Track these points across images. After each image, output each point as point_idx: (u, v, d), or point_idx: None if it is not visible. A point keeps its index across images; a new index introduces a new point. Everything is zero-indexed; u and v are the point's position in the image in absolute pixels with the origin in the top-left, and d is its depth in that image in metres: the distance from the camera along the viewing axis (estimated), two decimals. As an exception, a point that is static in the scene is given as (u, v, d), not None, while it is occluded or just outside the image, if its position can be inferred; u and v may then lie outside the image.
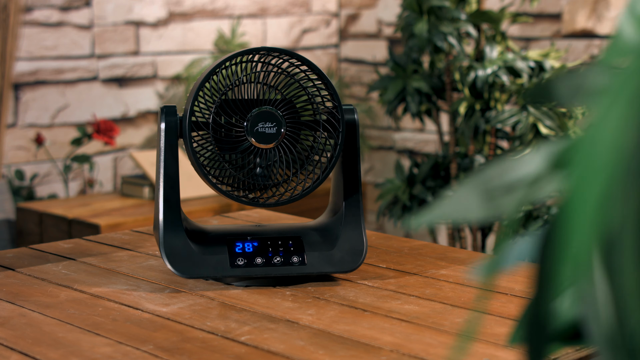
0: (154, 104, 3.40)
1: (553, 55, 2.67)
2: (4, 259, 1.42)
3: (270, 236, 1.31)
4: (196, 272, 1.26)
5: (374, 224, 3.73)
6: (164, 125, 1.26)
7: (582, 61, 2.93)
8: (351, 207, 1.32)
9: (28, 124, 3.11)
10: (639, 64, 0.39)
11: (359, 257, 1.29)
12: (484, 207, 0.42)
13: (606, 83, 0.38)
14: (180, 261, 1.26)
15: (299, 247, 1.30)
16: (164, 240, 1.26)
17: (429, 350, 1.02)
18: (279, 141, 1.26)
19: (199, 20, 3.49)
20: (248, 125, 1.25)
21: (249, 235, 1.31)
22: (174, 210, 1.27)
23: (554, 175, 0.42)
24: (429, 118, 2.90)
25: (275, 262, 1.28)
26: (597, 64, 0.41)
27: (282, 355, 1.01)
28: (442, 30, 2.63)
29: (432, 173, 2.80)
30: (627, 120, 0.38)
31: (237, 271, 1.27)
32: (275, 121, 1.25)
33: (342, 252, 1.29)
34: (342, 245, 1.30)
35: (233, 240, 1.29)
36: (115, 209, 2.93)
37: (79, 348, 1.04)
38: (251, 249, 1.29)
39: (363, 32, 3.85)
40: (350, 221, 1.31)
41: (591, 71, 0.43)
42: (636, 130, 0.37)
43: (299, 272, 1.28)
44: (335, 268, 1.28)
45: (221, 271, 1.26)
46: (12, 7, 2.78)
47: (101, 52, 3.26)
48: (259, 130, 1.25)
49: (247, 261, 1.28)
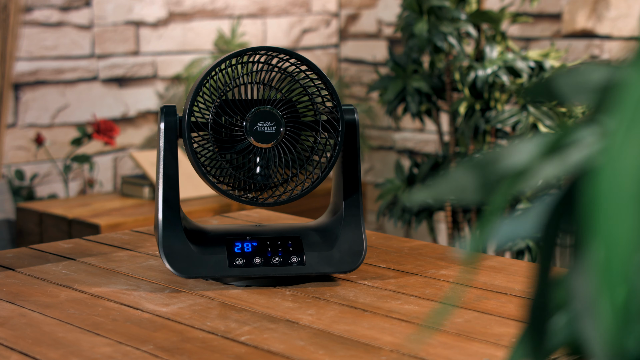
0: (154, 104, 3.40)
1: (553, 55, 2.67)
2: (4, 259, 1.42)
3: (270, 236, 1.31)
4: (195, 271, 1.26)
5: (374, 224, 3.73)
6: (164, 125, 1.27)
7: (582, 61, 2.93)
8: (351, 207, 1.31)
9: (28, 124, 3.11)
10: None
11: (358, 258, 1.29)
12: (479, 189, 0.42)
13: (625, 95, 0.36)
14: (179, 261, 1.26)
15: (298, 248, 1.30)
16: (163, 240, 1.27)
17: (429, 350, 1.02)
18: (278, 141, 1.25)
19: (199, 20, 3.49)
20: (247, 124, 1.25)
21: (248, 235, 1.31)
22: (174, 210, 1.28)
23: (544, 164, 0.42)
24: (429, 118, 2.90)
25: (274, 262, 1.28)
26: (622, 67, 0.40)
27: (282, 355, 1.01)
28: (442, 30, 2.63)
29: (432, 173, 2.81)
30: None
31: (235, 271, 1.27)
32: (275, 120, 1.25)
33: (342, 253, 1.29)
34: (342, 246, 1.30)
35: (232, 240, 1.29)
36: (115, 209, 2.93)
37: (79, 348, 1.04)
38: (250, 249, 1.29)
39: (363, 32, 3.85)
40: (350, 222, 1.31)
41: (592, 68, 0.42)
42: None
43: (298, 272, 1.27)
44: (334, 268, 1.28)
45: (220, 271, 1.26)
46: (12, 7, 2.78)
47: (101, 52, 3.26)
48: (258, 129, 1.25)
49: (246, 261, 1.28)
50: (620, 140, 0.36)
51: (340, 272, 1.28)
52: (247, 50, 1.24)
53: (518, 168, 0.42)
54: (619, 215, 0.36)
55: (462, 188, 0.43)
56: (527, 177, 0.41)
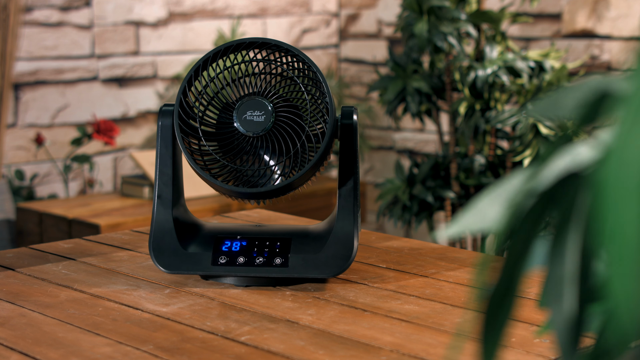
0: (154, 104, 3.40)
1: (553, 55, 2.67)
2: (4, 259, 1.42)
3: (261, 236, 1.30)
4: (178, 267, 1.26)
5: (374, 224, 3.73)
6: (161, 123, 1.29)
7: (582, 61, 2.93)
8: (344, 210, 1.28)
9: (28, 124, 3.11)
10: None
11: (344, 263, 1.26)
12: (504, 216, 0.43)
13: (629, 91, 0.37)
14: (164, 256, 1.27)
15: (285, 249, 1.27)
16: (154, 234, 1.29)
17: (429, 350, 1.02)
18: (266, 130, 1.24)
19: (199, 20, 3.49)
20: (236, 113, 1.24)
21: (239, 234, 1.30)
22: (166, 206, 1.29)
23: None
24: (429, 118, 2.90)
25: (257, 262, 1.26)
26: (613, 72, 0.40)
27: (282, 355, 1.01)
28: (442, 30, 2.63)
29: (432, 173, 2.80)
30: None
31: (217, 269, 1.26)
32: (264, 110, 1.24)
33: (328, 257, 1.26)
34: (329, 250, 1.26)
35: (223, 239, 1.29)
36: (115, 209, 2.93)
37: (79, 348, 1.04)
38: (238, 248, 1.28)
39: (363, 32, 3.85)
40: (341, 225, 1.27)
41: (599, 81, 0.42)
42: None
43: (279, 274, 1.25)
44: (317, 272, 1.25)
45: (202, 269, 1.26)
46: (12, 7, 2.78)
47: (101, 52, 3.26)
48: (247, 118, 1.24)
49: (229, 260, 1.27)
50: (627, 129, 0.36)
51: (322, 277, 1.25)
52: (223, 48, 1.24)
53: (542, 191, 0.42)
54: (626, 203, 0.36)
55: (488, 218, 0.43)
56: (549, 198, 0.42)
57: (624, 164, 0.36)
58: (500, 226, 0.42)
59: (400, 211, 2.79)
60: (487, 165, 2.76)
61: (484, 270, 0.42)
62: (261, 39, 1.25)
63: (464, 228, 0.43)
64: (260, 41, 1.25)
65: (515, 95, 2.67)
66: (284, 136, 1.24)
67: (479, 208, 0.43)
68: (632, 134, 0.36)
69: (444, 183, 2.80)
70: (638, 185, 0.36)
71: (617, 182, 0.36)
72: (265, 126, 1.23)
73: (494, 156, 2.76)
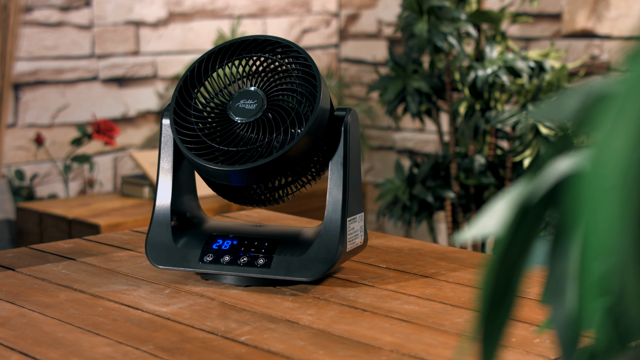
0: (154, 104, 3.40)
1: (553, 55, 2.67)
2: (4, 259, 1.42)
3: (252, 236, 1.29)
4: (167, 262, 1.28)
5: (374, 223, 3.73)
6: (163, 120, 1.31)
7: (582, 61, 2.93)
8: (333, 212, 1.26)
9: (28, 124, 3.11)
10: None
11: (324, 266, 1.23)
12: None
13: (613, 92, 0.37)
14: (156, 251, 1.29)
15: (270, 250, 1.26)
16: (150, 229, 1.31)
17: (429, 350, 1.02)
18: (257, 117, 1.24)
19: (199, 20, 3.49)
20: (230, 102, 1.26)
21: (232, 233, 1.30)
22: (164, 201, 1.32)
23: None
24: (429, 118, 2.90)
25: (241, 262, 1.26)
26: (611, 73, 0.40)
27: (282, 355, 1.01)
28: (442, 30, 2.64)
29: (432, 173, 2.81)
30: (635, 136, 0.36)
31: (202, 267, 1.27)
32: (257, 99, 1.25)
33: (310, 260, 1.24)
34: (312, 253, 1.24)
35: (216, 237, 1.30)
36: (115, 209, 2.93)
37: (79, 348, 1.04)
38: (227, 247, 1.29)
39: (363, 32, 3.85)
40: (328, 228, 1.25)
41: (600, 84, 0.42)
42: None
43: (260, 274, 1.25)
44: (296, 275, 1.24)
45: (188, 265, 1.28)
46: (12, 7, 2.78)
47: (101, 52, 3.26)
48: (239, 106, 1.25)
49: (215, 258, 1.27)
50: (607, 130, 0.37)
51: (302, 280, 1.24)
52: (218, 50, 1.27)
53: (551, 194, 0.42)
54: (603, 201, 0.37)
55: (501, 223, 0.43)
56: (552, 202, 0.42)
57: (602, 164, 0.36)
58: (501, 226, 0.43)
59: (400, 211, 2.79)
60: (487, 165, 2.76)
61: (485, 270, 0.42)
62: (249, 38, 1.27)
63: (482, 231, 0.44)
64: (251, 39, 1.27)
65: (515, 95, 2.67)
66: (276, 119, 1.23)
67: (495, 211, 0.44)
68: (612, 134, 0.36)
69: (444, 183, 2.80)
70: (615, 186, 0.36)
71: (594, 182, 0.37)
72: (255, 113, 1.24)
73: (494, 156, 2.76)
